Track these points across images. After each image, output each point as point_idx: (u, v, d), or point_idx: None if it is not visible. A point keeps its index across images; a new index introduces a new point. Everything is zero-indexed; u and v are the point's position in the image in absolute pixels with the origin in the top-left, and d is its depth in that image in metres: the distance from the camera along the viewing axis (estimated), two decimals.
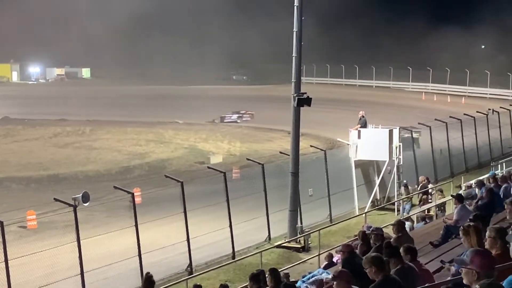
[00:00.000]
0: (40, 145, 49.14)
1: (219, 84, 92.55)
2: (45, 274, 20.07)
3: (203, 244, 24.39)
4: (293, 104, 27.46)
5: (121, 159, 44.09)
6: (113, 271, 21.55)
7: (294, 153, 28.00)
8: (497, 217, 16.63)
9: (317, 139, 46.42)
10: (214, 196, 26.61)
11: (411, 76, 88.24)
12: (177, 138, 51.28)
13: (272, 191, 28.33)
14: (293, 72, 27.86)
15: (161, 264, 23.05)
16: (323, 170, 30.69)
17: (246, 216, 27.10)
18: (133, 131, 54.03)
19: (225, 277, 22.09)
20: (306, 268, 21.90)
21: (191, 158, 44.38)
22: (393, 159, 32.48)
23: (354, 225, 27.60)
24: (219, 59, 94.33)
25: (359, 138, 32.32)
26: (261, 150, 44.81)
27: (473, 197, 23.65)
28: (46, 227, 25.03)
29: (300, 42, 27.59)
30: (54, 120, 60.79)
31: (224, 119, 60.52)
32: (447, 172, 37.67)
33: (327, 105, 57.70)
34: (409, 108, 64.69)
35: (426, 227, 24.13)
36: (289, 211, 27.61)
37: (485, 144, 42.13)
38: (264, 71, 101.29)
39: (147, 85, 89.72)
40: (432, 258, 15.30)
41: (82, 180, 38.46)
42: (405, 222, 17.09)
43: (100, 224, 26.17)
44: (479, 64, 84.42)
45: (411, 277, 10.52)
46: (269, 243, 26.74)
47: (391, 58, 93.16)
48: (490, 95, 77.88)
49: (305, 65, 77.73)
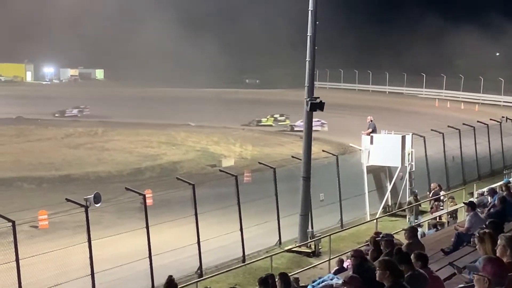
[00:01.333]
0: (52, 146, 49.34)
1: (232, 87, 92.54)
2: (56, 274, 20.12)
3: (213, 247, 24.36)
4: (305, 108, 27.44)
5: (132, 161, 44.20)
6: (123, 273, 21.56)
7: (306, 157, 27.95)
8: (509, 225, 16.53)
9: (329, 144, 46.33)
10: (225, 199, 26.60)
11: (424, 83, 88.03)
12: (189, 141, 51.36)
13: (283, 195, 28.29)
14: (307, 76, 27.83)
15: (171, 266, 23.02)
16: (334, 175, 30.62)
17: (257, 219, 27.08)
18: (145, 133, 54.15)
19: (234, 280, 22.08)
20: (316, 273, 21.86)
21: (203, 161, 44.43)
22: (406, 165, 32.38)
23: (365, 231, 27.50)
24: (231, 62, 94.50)
25: (371, 144, 32.22)
26: (272, 154, 44.77)
27: (485, 204, 23.55)
28: (58, 227, 25.11)
29: (314, 47, 27.56)
30: (67, 121, 61.01)
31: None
32: (459, 180, 37.52)
33: (340, 110, 57.66)
34: (422, 114, 64.52)
35: (437, 234, 24.02)
36: (300, 215, 27.57)
37: (498, 152, 41.94)
38: (277, 75, 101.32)
39: (159, 87, 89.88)
40: (443, 265, 15.22)
41: (93, 181, 38.58)
42: (417, 229, 17.01)
43: (111, 225, 26.23)
44: (493, 72, 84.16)
45: (421, 284, 10.47)
46: (280, 247, 26.68)
47: (405, 64, 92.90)
48: (504, 102, 77.55)
49: (319, 70, 77.72)
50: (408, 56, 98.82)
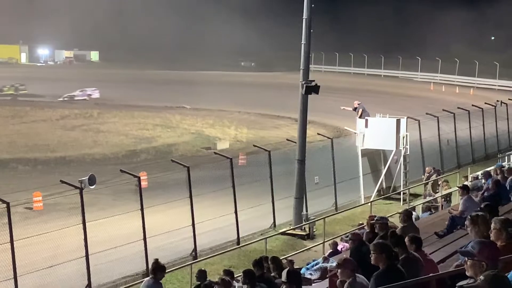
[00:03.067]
0: (48, 127, 49.27)
1: (227, 70, 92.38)
2: (50, 255, 20.16)
3: (208, 230, 24.41)
4: (301, 91, 27.43)
5: (128, 143, 44.18)
6: (118, 254, 21.59)
7: (301, 141, 27.98)
8: (503, 209, 16.60)
9: (324, 127, 46.37)
10: (220, 182, 26.61)
11: (420, 66, 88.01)
12: (184, 123, 51.33)
13: (278, 178, 28.32)
14: (302, 59, 27.80)
15: (166, 249, 23.09)
16: (329, 158, 30.66)
17: (252, 202, 27.11)
18: (140, 115, 54.11)
19: (229, 262, 22.13)
20: (311, 256, 21.96)
21: (198, 144, 44.42)
22: (400, 149, 32.43)
23: (360, 214, 27.62)
24: (228, 45, 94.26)
25: (366, 127, 32.24)
26: (267, 137, 44.79)
27: (479, 188, 23.63)
28: (52, 209, 25.09)
29: (309, 30, 27.53)
30: (62, 103, 60.89)
31: None
32: (454, 163, 37.61)
33: (335, 93, 57.60)
34: (417, 98, 64.57)
35: (431, 217, 24.11)
36: (295, 198, 27.61)
37: (493, 136, 42.03)
38: (273, 58, 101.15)
39: (155, 70, 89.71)
40: (437, 248, 15.30)
41: (88, 162, 38.55)
42: (412, 212, 17.06)
43: (106, 207, 26.24)
44: (488, 56, 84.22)
45: (415, 266, 10.52)
46: (274, 230, 26.75)
47: (400, 47, 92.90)
48: (499, 86, 77.62)
49: (314, 53, 77.59)
50: (404, 39, 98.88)
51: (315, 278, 15.88)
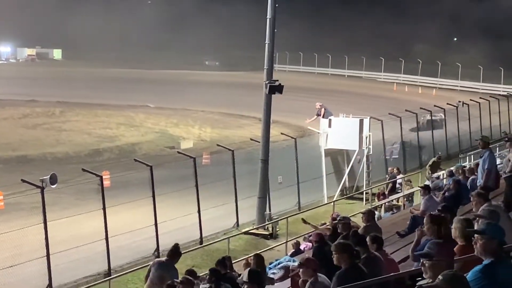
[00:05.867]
0: (9, 126, 48.67)
1: (192, 69, 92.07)
2: (11, 255, 19.93)
3: (171, 229, 24.32)
4: (264, 91, 27.48)
5: (90, 142, 43.81)
6: (79, 254, 21.46)
7: (264, 140, 28.04)
8: (463, 209, 16.79)
9: (288, 127, 46.41)
10: (183, 181, 26.57)
11: (383, 67, 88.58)
12: (148, 122, 51.02)
13: (241, 177, 28.33)
14: (266, 59, 27.88)
15: (129, 248, 23.00)
16: (293, 158, 30.76)
17: (215, 202, 27.11)
18: (103, 114, 53.68)
19: (192, 262, 22.07)
20: (274, 255, 21.98)
21: (162, 143, 44.22)
22: (363, 149, 32.64)
23: (323, 213, 27.72)
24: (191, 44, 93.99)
25: (329, 127, 32.40)
26: (232, 136, 44.72)
27: (440, 188, 23.90)
28: (13, 208, 24.78)
29: (273, 29, 27.60)
30: (24, 101, 60.23)
31: None
32: (416, 164, 37.93)
33: (299, 93, 57.69)
34: (380, 98, 64.91)
35: (393, 217, 24.33)
36: (258, 198, 27.67)
37: (455, 136, 42.46)
38: (237, 58, 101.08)
39: (118, 68, 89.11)
40: (398, 247, 15.44)
41: (50, 161, 38.16)
42: (375, 212, 17.20)
43: (69, 207, 26.01)
44: (451, 57, 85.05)
45: (376, 266, 10.61)
46: (237, 229, 26.78)
47: (364, 48, 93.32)
48: (461, 87, 78.43)
49: (278, 53, 77.75)
50: (367, 40, 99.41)
51: (277, 277, 15.94)
